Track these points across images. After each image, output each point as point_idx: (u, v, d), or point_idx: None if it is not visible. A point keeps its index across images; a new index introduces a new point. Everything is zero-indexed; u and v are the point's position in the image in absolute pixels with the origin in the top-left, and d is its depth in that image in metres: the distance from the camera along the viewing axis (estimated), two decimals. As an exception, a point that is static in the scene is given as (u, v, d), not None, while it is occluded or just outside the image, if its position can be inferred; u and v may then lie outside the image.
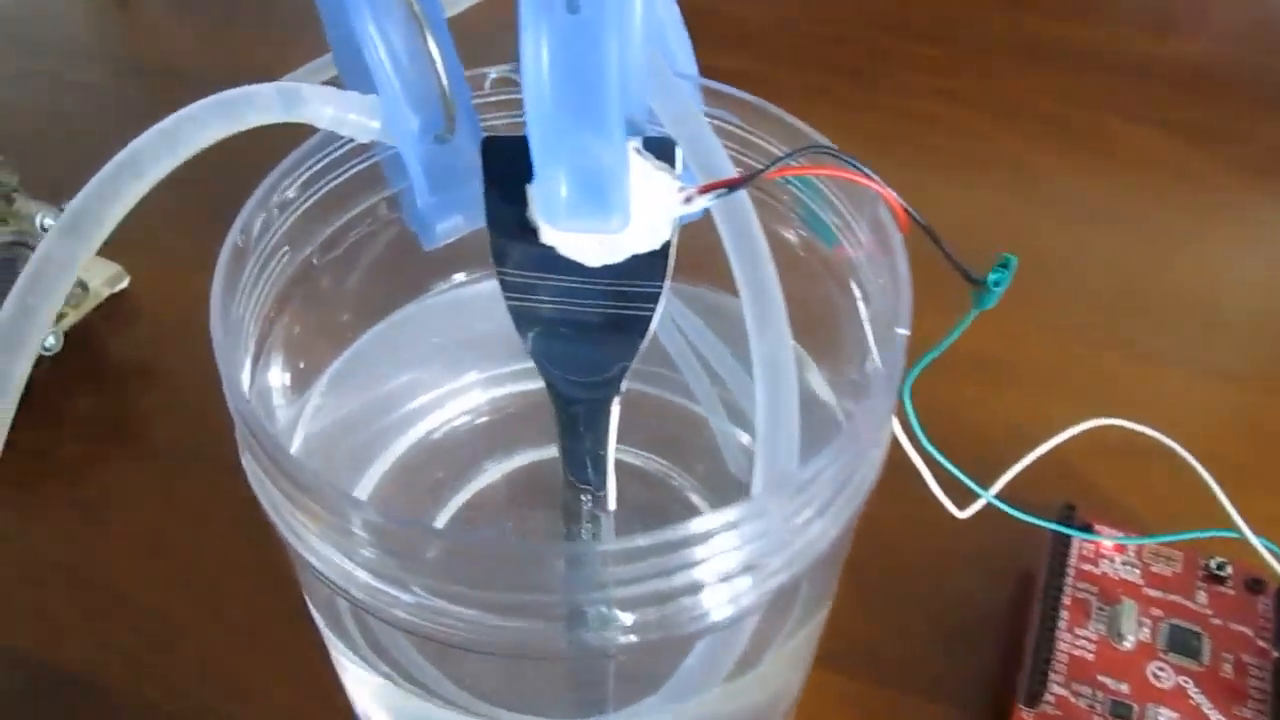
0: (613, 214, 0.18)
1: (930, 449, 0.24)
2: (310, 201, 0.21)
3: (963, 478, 0.27)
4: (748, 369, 0.26)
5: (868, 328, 0.21)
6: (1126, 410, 0.30)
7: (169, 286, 0.38)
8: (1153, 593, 0.29)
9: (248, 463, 0.18)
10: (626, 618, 0.17)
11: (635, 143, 0.18)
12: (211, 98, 0.18)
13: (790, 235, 0.22)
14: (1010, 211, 0.43)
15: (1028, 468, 0.29)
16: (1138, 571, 0.29)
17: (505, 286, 0.19)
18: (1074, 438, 0.30)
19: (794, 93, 0.24)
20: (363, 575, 0.17)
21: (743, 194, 0.19)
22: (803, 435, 0.18)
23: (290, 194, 0.21)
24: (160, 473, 0.33)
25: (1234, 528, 0.28)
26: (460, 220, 0.22)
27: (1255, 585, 0.29)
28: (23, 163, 0.35)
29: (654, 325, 0.19)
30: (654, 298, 0.19)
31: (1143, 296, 0.39)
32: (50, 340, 0.35)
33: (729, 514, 0.16)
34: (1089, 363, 0.37)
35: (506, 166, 0.18)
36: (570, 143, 0.17)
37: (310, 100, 0.19)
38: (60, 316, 0.35)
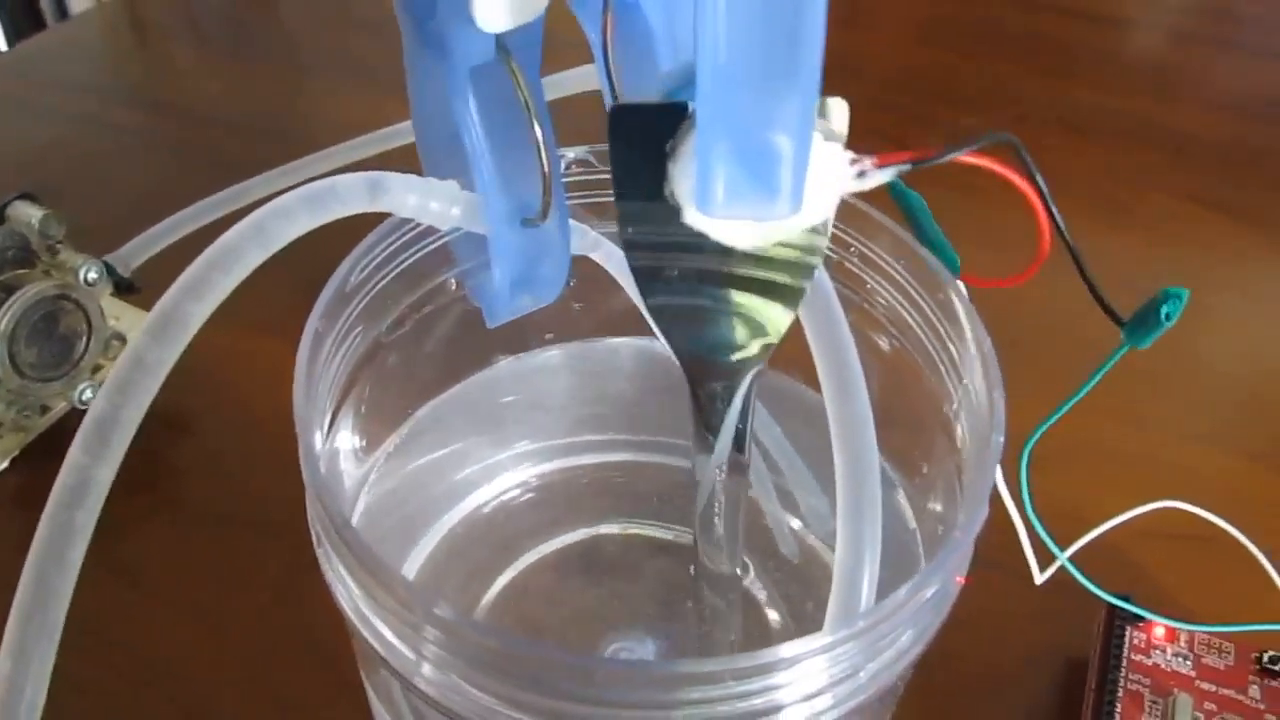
0: (783, 200, 0.15)
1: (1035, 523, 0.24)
2: (383, 283, 0.21)
3: (1050, 542, 0.26)
4: (803, 456, 0.26)
5: (958, 436, 0.21)
6: (1183, 496, 0.30)
7: (200, 339, 0.38)
8: (1205, 686, 0.28)
9: (323, 555, 0.18)
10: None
11: None
12: (298, 191, 0.18)
13: (882, 342, 0.22)
14: (1059, 290, 0.42)
15: (1084, 549, 0.29)
16: (1190, 663, 0.29)
17: (636, 272, 0.17)
18: (1130, 521, 0.29)
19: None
20: (428, 669, 0.17)
21: (833, 299, 0.19)
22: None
23: (364, 276, 0.21)
24: (196, 533, 0.33)
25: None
26: (529, 300, 0.22)
27: (1310, 681, 0.28)
28: (59, 205, 0.35)
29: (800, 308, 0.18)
30: (802, 286, 0.17)
31: (1194, 379, 0.39)
32: (88, 393, 0.34)
33: (801, 646, 0.16)
34: (1143, 446, 0.36)
35: (639, 138, 0.16)
36: (749, 121, 0.14)
37: (394, 189, 0.19)
38: (97, 369, 0.35)
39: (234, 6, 0.64)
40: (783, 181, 0.15)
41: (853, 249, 0.21)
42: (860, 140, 0.16)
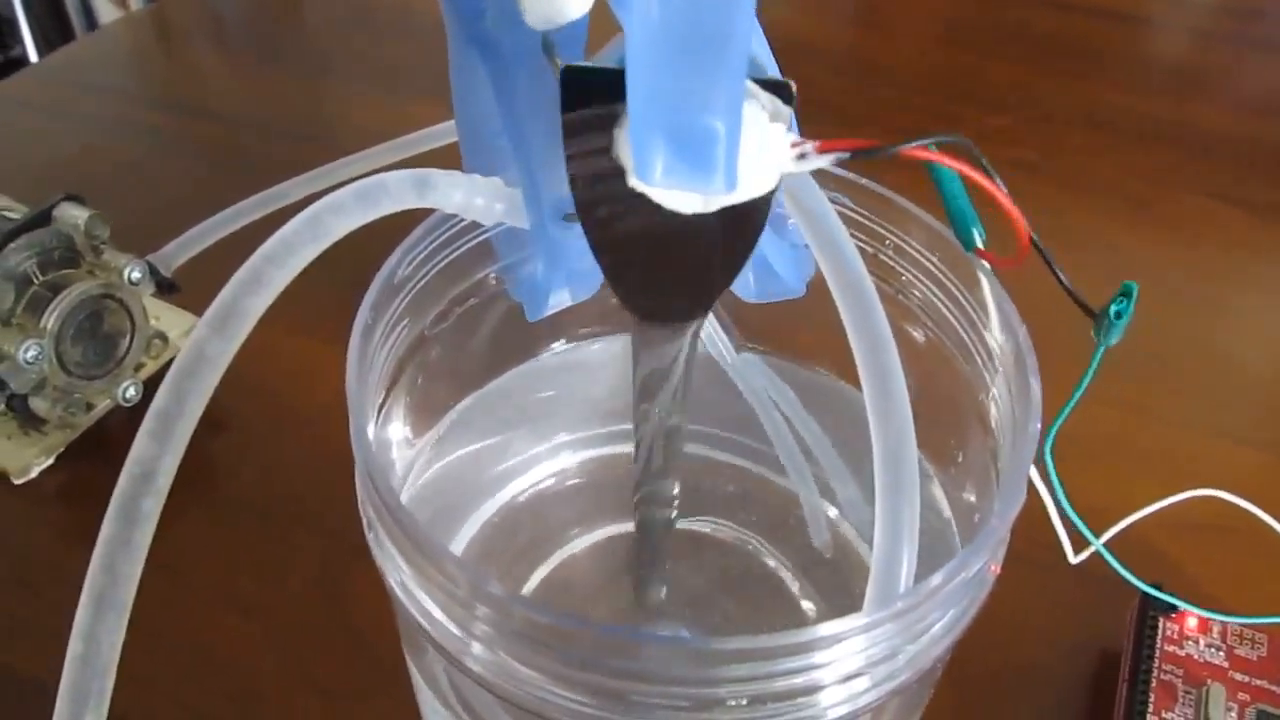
0: (718, 176, 0.16)
1: (1067, 507, 0.24)
2: (428, 277, 0.22)
3: (1084, 529, 0.26)
4: (840, 449, 0.27)
5: (993, 425, 0.21)
6: (1212, 487, 0.30)
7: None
8: (1238, 677, 0.28)
9: (373, 537, 0.19)
10: (735, 713, 0.17)
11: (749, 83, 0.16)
12: (350, 187, 0.18)
13: (916, 334, 0.22)
14: (1089, 289, 0.43)
15: (1114, 541, 0.29)
16: (1223, 654, 0.29)
17: (584, 217, 0.18)
18: (1162, 511, 0.29)
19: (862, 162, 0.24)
20: (476, 648, 0.18)
21: (872, 293, 0.19)
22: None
23: (410, 270, 0.21)
24: (234, 527, 0.34)
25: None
26: (567, 295, 0.23)
27: (1342, 671, 0.28)
28: (97, 207, 0.36)
29: (741, 272, 0.18)
30: (747, 249, 0.18)
31: (1218, 375, 0.39)
32: (131, 391, 0.35)
33: (841, 625, 0.16)
34: (1174, 442, 0.36)
35: (589, 99, 0.16)
36: (679, 103, 0.15)
37: (440, 186, 0.19)
38: (139, 367, 0.36)
39: (258, 11, 0.64)
40: (717, 160, 0.16)
41: (888, 242, 0.22)
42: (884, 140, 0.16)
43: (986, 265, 0.21)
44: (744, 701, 0.16)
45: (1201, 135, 0.51)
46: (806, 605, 0.27)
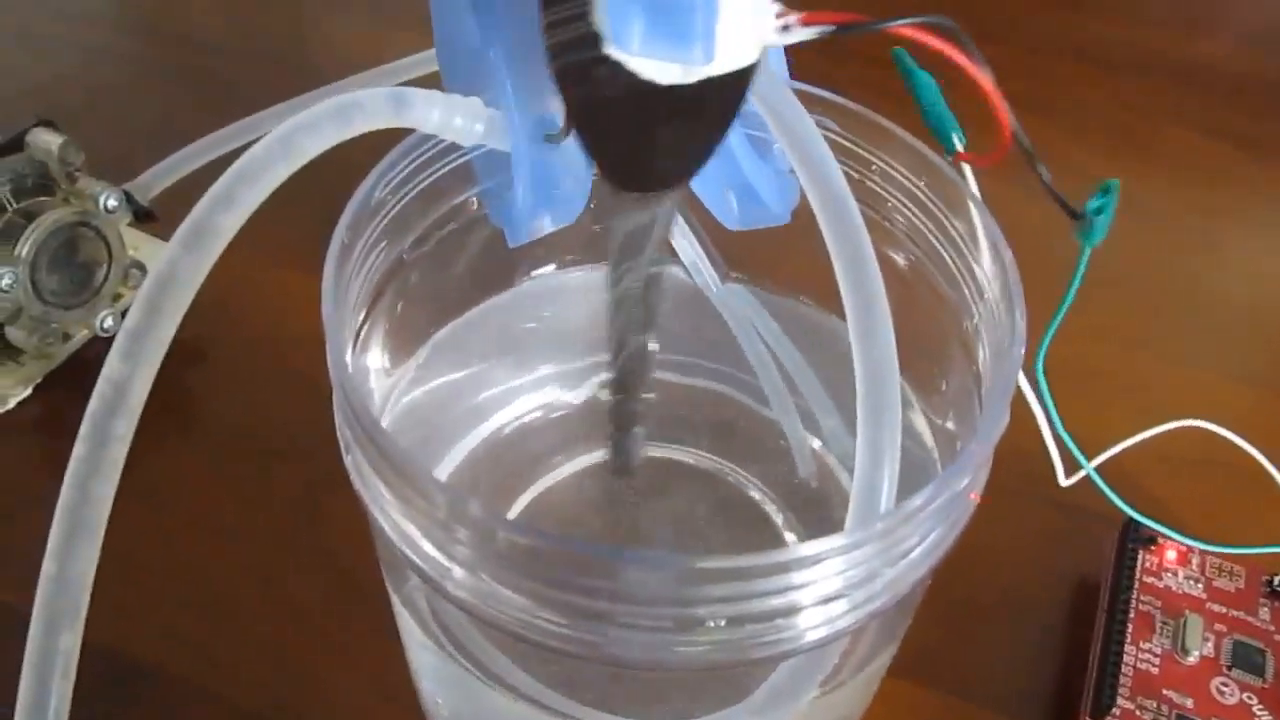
0: (697, 46, 0.16)
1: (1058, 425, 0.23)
2: (406, 199, 0.21)
3: (1076, 451, 0.26)
4: (824, 380, 0.26)
5: (979, 353, 0.21)
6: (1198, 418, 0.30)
7: (219, 268, 0.38)
8: (1216, 608, 0.29)
9: (350, 460, 0.18)
10: (714, 635, 0.17)
11: None
12: (323, 104, 0.18)
13: (899, 258, 0.22)
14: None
15: (1098, 471, 0.29)
16: (1201, 586, 0.29)
17: (561, 85, 0.17)
18: (1147, 441, 0.29)
19: (850, 88, 0.23)
20: (457, 571, 0.17)
21: (855, 213, 0.19)
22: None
23: (388, 192, 0.21)
24: (215, 458, 0.33)
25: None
26: (548, 220, 0.22)
27: (1317, 603, 0.29)
28: (73, 135, 0.35)
29: (722, 145, 0.18)
30: (725, 123, 0.17)
31: (1209, 310, 0.39)
32: (109, 321, 0.35)
33: (821, 545, 0.16)
34: (1159, 375, 0.36)
35: None
36: None
37: (417, 104, 0.19)
38: (117, 297, 0.35)
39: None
40: (696, 29, 0.15)
41: (874, 167, 0.22)
42: (877, 74, 0.15)
43: (974, 190, 0.21)
44: (722, 623, 0.16)
45: (1192, 68, 0.51)
46: (790, 537, 0.28)
